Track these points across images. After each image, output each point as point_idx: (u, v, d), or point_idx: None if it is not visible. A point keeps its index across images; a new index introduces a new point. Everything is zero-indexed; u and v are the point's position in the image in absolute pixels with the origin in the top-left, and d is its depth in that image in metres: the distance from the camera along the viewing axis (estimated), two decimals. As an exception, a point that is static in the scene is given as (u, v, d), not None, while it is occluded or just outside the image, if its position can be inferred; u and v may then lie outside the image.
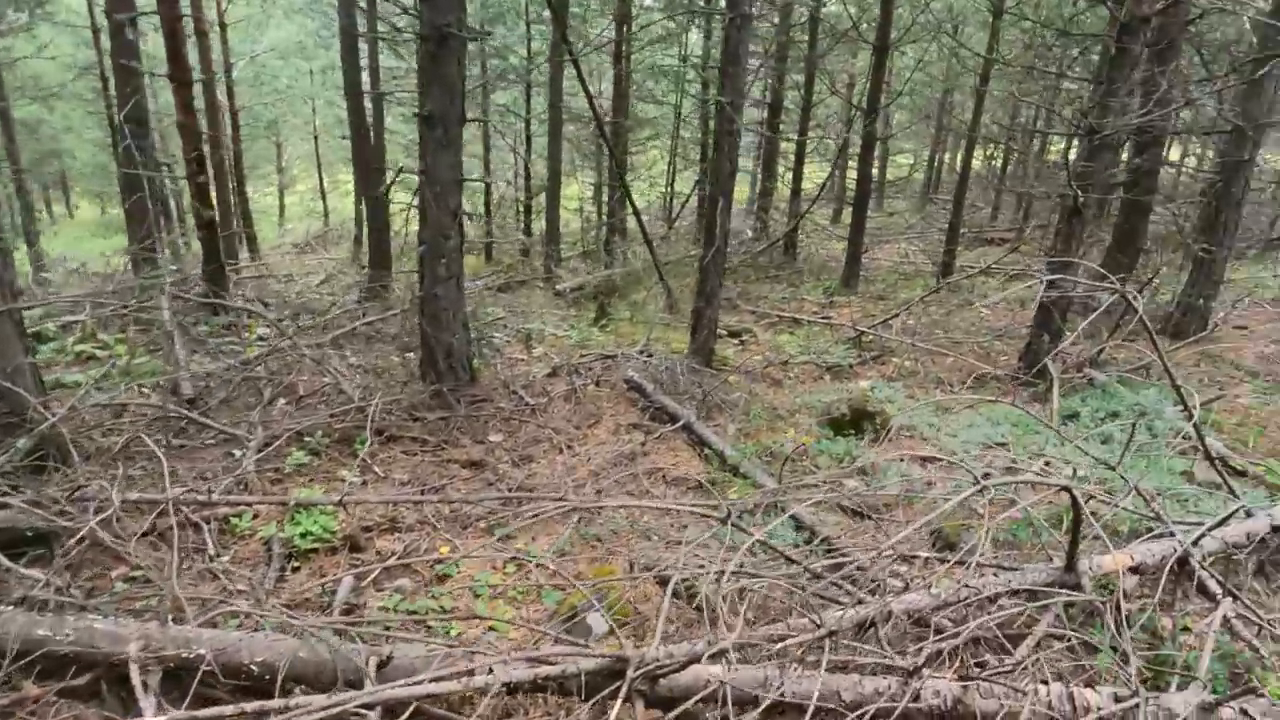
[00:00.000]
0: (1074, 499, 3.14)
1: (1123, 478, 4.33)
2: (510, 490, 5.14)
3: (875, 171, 27.08)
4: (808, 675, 2.81)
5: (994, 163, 25.28)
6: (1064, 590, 3.63)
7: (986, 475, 5.45)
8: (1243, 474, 5.64)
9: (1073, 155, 13.99)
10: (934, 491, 5.40)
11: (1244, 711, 2.62)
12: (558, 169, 13.21)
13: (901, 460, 5.76)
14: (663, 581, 4.08)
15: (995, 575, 3.65)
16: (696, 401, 6.48)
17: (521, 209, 17.81)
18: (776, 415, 6.60)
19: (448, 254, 5.98)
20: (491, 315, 9.18)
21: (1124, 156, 9.26)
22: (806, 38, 15.93)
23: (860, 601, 3.23)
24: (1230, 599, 3.41)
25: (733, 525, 3.06)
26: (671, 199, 20.15)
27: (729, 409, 6.55)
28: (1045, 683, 2.77)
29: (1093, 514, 4.94)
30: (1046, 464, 5.61)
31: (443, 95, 5.67)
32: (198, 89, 10.90)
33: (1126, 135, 6.88)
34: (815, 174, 21.61)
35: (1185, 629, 4.12)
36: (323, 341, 7.50)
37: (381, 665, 2.84)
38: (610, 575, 4.10)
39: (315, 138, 25.64)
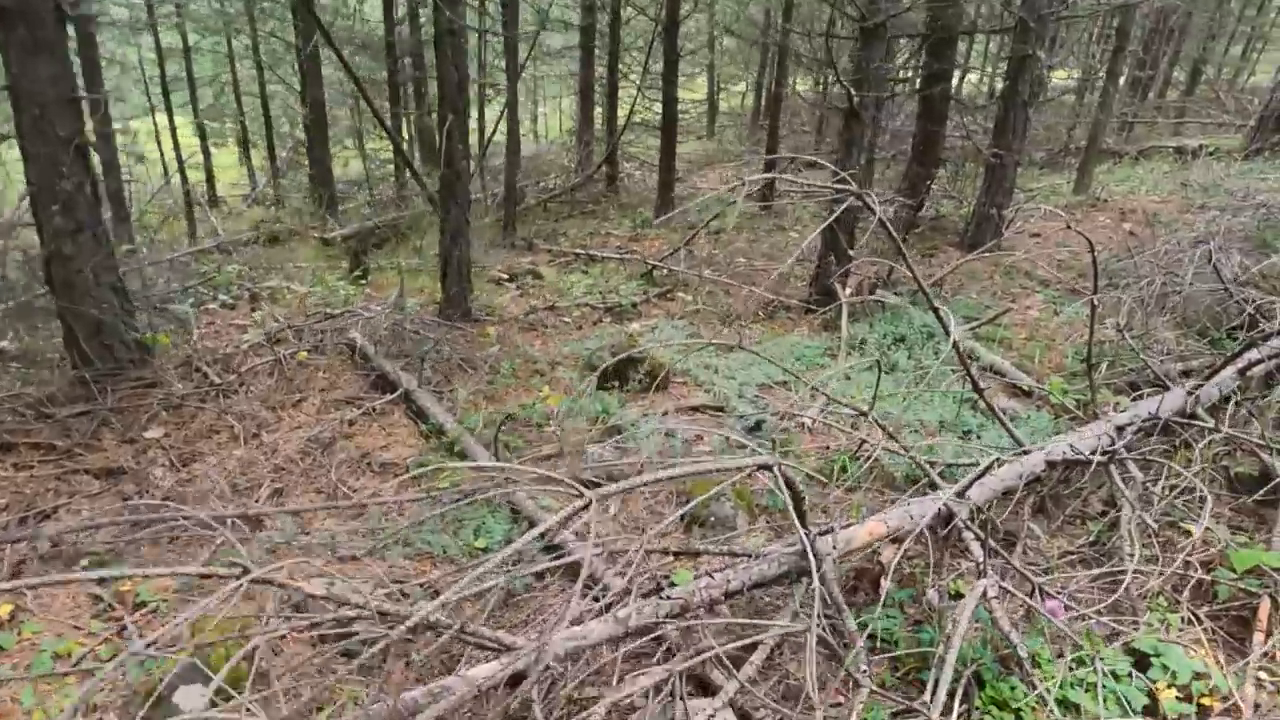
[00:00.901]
0: (782, 478, 2.31)
1: (876, 422, 3.61)
2: (151, 504, 3.91)
3: (704, 98, 26.39)
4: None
5: (819, 84, 24.96)
6: (801, 580, 2.86)
7: (762, 424, 4.71)
8: (1028, 394, 5.18)
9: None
10: (701, 448, 4.62)
11: (983, 768, 1.89)
12: (321, 99, 11.50)
13: (665, 414, 4.93)
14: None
15: (718, 574, 2.82)
16: (433, 362, 5.39)
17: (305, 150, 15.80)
18: (534, 370, 5.62)
19: (65, 199, 4.53)
20: (215, 273, 7.67)
21: (914, 60, 8.73)
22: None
23: (506, 649, 2.30)
24: (990, 576, 2.72)
25: (248, 574, 2.02)
26: (482, 132, 18.58)
27: (476, 368, 5.50)
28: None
29: (862, 460, 4.27)
30: (825, 404, 4.93)
31: (14, -21, 4.16)
32: None
33: (903, 27, 6.20)
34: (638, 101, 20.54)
35: (957, 595, 3.51)
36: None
37: None
38: (237, 622, 3.00)
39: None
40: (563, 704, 2.64)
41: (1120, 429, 3.95)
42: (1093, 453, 3.68)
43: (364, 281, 7.98)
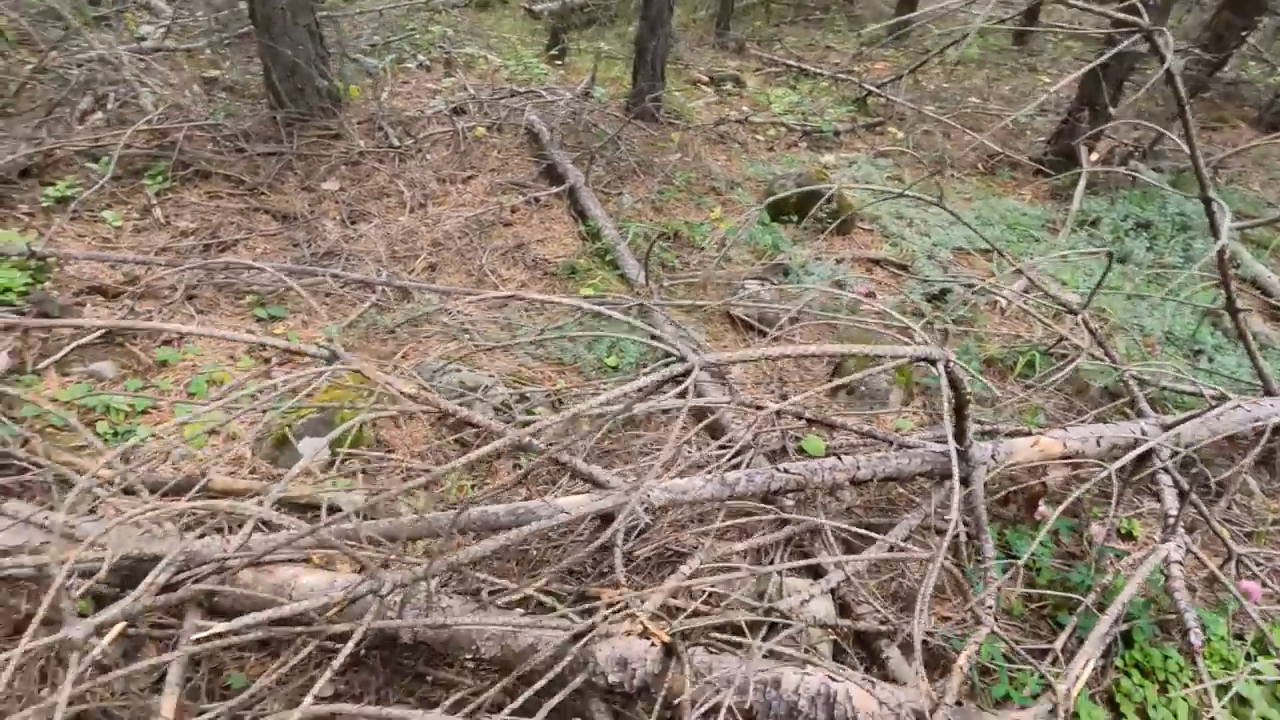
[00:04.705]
0: (947, 376, 1.90)
1: (1084, 323, 3.02)
2: (315, 256, 4.03)
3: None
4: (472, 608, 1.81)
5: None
6: (943, 483, 2.50)
7: (947, 293, 4.13)
8: (1292, 322, 4.24)
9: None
10: (871, 306, 4.15)
11: (1106, 768, 1.57)
12: None
13: (840, 261, 4.45)
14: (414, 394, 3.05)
15: (847, 457, 2.51)
16: (606, 160, 5.09)
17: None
18: (710, 187, 5.21)
19: (268, -74, 4.41)
20: (420, 31, 7.56)
21: None
22: None
23: (599, 485, 2.15)
24: (1178, 538, 2.25)
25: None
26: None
27: (650, 174, 5.17)
28: (804, 668, 1.72)
29: (1056, 358, 3.70)
30: (1027, 285, 4.26)
31: None
32: None
33: None
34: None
35: (1128, 535, 3.03)
36: (193, 47, 6.13)
37: None
38: (360, 385, 3.07)
39: None
40: (653, 546, 2.53)
41: None
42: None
43: (560, 62, 7.63)
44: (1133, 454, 2.28)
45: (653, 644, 1.72)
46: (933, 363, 1.83)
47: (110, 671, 2.08)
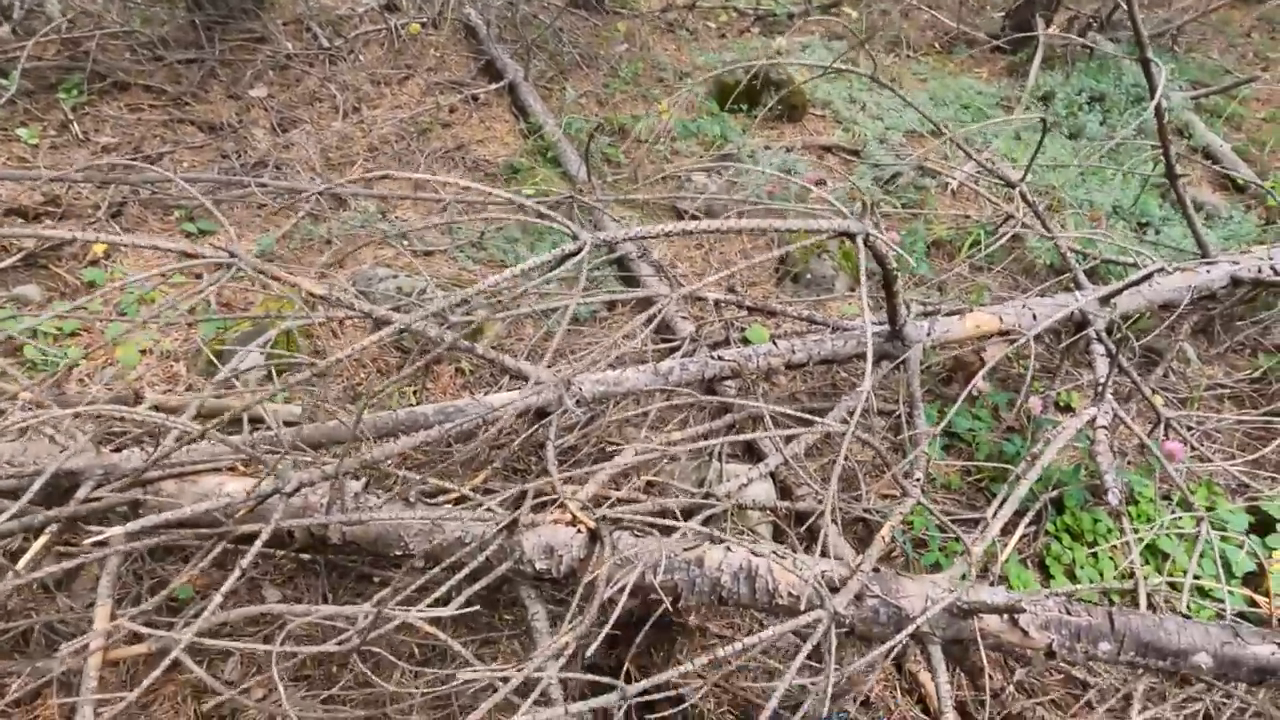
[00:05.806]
0: (869, 251, 1.87)
1: (1023, 195, 2.99)
2: (245, 166, 3.88)
3: None
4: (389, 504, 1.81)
5: None
6: (881, 363, 2.51)
7: (898, 177, 4.07)
8: (1240, 190, 4.23)
9: None
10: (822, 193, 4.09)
11: (1013, 621, 1.63)
12: None
13: (789, 150, 4.36)
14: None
15: (782, 341, 2.51)
16: (549, 53, 4.89)
17: None
18: (658, 78, 5.03)
19: None
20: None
21: None
22: None
23: (529, 380, 2.14)
24: (1106, 403, 2.28)
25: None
26: None
27: (595, 66, 4.97)
28: (727, 547, 1.75)
29: (1000, 237, 3.68)
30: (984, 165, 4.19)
31: None
32: None
33: None
34: None
35: (1066, 408, 3.09)
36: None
37: None
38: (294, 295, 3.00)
39: None
40: (593, 442, 2.55)
41: (1346, 252, 3.15)
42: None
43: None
44: (1056, 318, 2.29)
45: (579, 531, 1.74)
46: (852, 237, 1.80)
47: (48, 589, 2.10)
